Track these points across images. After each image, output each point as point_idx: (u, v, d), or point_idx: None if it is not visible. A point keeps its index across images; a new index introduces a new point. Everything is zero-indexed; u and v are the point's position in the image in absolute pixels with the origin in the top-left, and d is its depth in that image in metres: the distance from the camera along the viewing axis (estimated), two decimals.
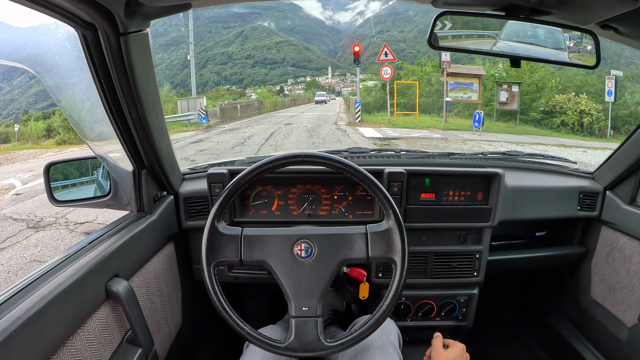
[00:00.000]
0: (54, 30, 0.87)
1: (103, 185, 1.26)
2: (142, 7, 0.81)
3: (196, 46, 44.99)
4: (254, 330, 0.88)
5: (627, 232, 1.44)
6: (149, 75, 0.96)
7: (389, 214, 0.92)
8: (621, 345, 1.42)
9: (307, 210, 1.33)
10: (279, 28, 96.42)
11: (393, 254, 0.91)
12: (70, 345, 0.79)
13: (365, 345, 0.99)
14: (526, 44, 0.87)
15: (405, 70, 23.93)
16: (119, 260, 0.98)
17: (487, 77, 18.40)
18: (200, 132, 14.50)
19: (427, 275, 1.39)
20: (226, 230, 0.91)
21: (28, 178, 8.21)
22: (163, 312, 1.21)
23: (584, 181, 1.58)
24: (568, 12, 0.77)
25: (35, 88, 41.83)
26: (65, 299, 0.78)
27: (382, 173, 1.28)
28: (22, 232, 4.65)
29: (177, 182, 1.34)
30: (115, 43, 0.84)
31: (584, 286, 1.63)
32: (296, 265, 0.91)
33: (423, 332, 1.43)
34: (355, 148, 1.67)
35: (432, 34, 0.83)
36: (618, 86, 14.30)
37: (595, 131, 16.37)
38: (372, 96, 24.44)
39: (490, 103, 17.30)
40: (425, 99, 19.85)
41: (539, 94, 18.04)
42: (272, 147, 10.23)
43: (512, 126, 16.07)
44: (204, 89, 64.15)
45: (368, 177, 0.93)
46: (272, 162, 0.92)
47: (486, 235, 1.39)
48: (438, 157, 1.65)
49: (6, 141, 18.61)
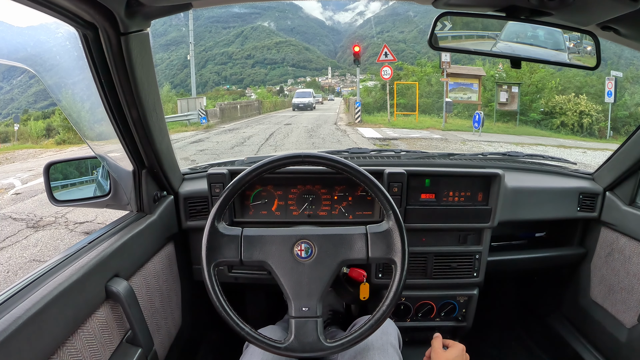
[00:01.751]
0: (55, 30, 0.87)
1: (103, 185, 1.26)
2: (143, 7, 0.81)
3: (196, 46, 45.02)
4: (253, 330, 0.88)
5: (626, 233, 1.44)
6: (149, 75, 0.96)
7: (389, 215, 0.92)
8: (621, 346, 1.42)
9: (307, 210, 1.33)
10: (279, 28, 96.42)
11: (393, 255, 0.91)
12: (70, 345, 0.79)
13: (365, 346, 0.99)
14: (526, 45, 0.87)
15: (405, 71, 23.91)
16: (119, 260, 0.98)
17: (487, 78, 18.39)
18: (200, 132, 14.49)
19: (427, 275, 1.39)
20: (226, 230, 0.91)
21: (28, 177, 8.21)
22: (163, 312, 1.21)
23: (583, 182, 1.58)
24: (568, 13, 0.77)
25: (35, 87, 41.82)
26: (65, 298, 0.78)
27: (382, 173, 1.28)
28: (22, 232, 4.64)
29: (177, 182, 1.34)
30: (116, 43, 0.84)
31: (584, 287, 1.64)
32: (296, 265, 0.91)
33: (423, 333, 1.43)
34: (355, 148, 1.67)
35: (433, 35, 0.83)
36: (618, 87, 14.29)
37: (595, 132, 16.37)
38: (372, 96, 24.42)
39: (490, 104, 17.30)
40: (425, 100, 19.84)
41: (539, 95, 18.03)
42: (272, 147, 10.22)
43: (512, 127, 16.06)
44: (204, 89, 64.14)
45: (368, 177, 0.93)
46: (272, 162, 0.92)
47: (486, 236, 1.39)
48: (438, 157, 1.65)
49: (6, 140, 18.59)
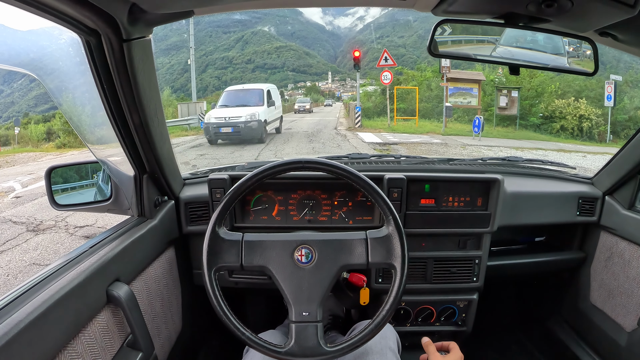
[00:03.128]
0: (57, 36, 0.88)
1: (104, 190, 1.26)
2: (145, 14, 0.82)
3: (197, 51, 45.10)
4: (254, 335, 0.88)
5: (626, 237, 1.44)
6: (151, 80, 0.97)
7: (388, 220, 0.93)
8: (620, 350, 1.42)
9: (307, 215, 1.33)
10: (279, 33, 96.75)
11: (393, 260, 0.91)
12: (71, 349, 0.79)
13: (364, 350, 0.99)
14: (526, 49, 0.87)
15: (405, 76, 23.91)
16: (120, 264, 0.99)
17: (486, 82, 18.43)
18: (200, 137, 14.49)
19: (427, 280, 1.39)
20: (227, 235, 0.92)
21: (28, 181, 8.21)
22: (163, 317, 1.21)
23: (583, 186, 1.58)
24: (567, 20, 0.78)
25: (36, 91, 41.88)
26: (66, 303, 0.78)
27: (382, 179, 1.28)
28: (22, 235, 4.65)
29: (178, 187, 1.35)
30: (118, 49, 0.85)
31: (584, 291, 1.63)
32: (296, 270, 0.91)
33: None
34: (355, 154, 1.67)
35: (432, 42, 0.84)
36: (617, 91, 14.32)
37: (594, 136, 16.38)
38: (372, 101, 24.42)
39: (490, 108, 17.33)
40: (425, 104, 19.85)
41: (539, 99, 18.05)
42: (272, 152, 10.23)
43: (512, 131, 16.09)
44: (204, 93, 64.19)
45: (368, 183, 0.94)
46: (273, 168, 0.92)
47: (485, 241, 1.39)
48: (438, 162, 1.66)
49: (6, 144, 18.62)
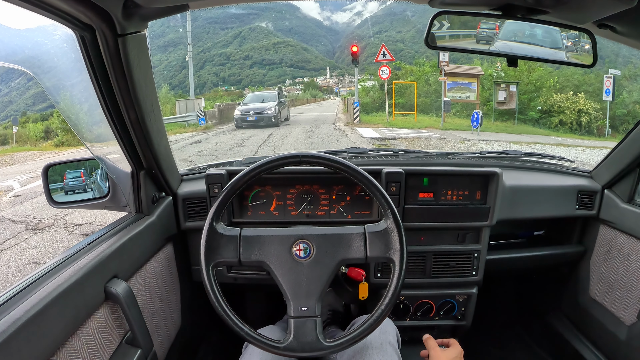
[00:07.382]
0: (52, 32, 0.87)
1: (101, 187, 1.26)
2: (140, 8, 0.81)
3: (194, 47, 44.97)
4: (253, 330, 0.88)
5: (625, 231, 1.44)
6: (147, 76, 0.96)
7: (387, 214, 0.92)
8: (620, 344, 1.42)
9: (305, 210, 1.33)
10: (276, 29, 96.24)
11: (391, 254, 0.91)
12: (70, 347, 0.79)
13: (363, 345, 0.99)
14: (524, 44, 0.87)
15: (404, 71, 23.83)
16: (118, 261, 0.98)
17: (485, 77, 18.37)
18: (198, 133, 14.47)
19: (426, 274, 1.39)
20: (225, 230, 0.91)
21: (26, 180, 8.19)
22: (162, 313, 1.21)
23: (582, 180, 1.58)
24: (565, 11, 0.77)
25: (34, 90, 41.71)
26: (64, 300, 0.78)
27: (380, 173, 1.28)
28: (21, 234, 4.64)
29: (175, 183, 1.34)
30: (113, 44, 0.84)
31: (583, 285, 1.64)
32: (295, 265, 0.91)
33: (422, 332, 1.43)
34: (354, 148, 1.66)
35: (429, 34, 0.83)
36: (616, 85, 14.31)
37: (593, 130, 16.37)
38: (371, 96, 24.32)
39: (489, 103, 17.29)
40: (423, 99, 19.79)
41: (537, 94, 18.01)
42: (271, 147, 10.21)
43: (511, 125, 16.05)
44: (202, 90, 63.88)
45: (366, 177, 0.93)
46: (270, 162, 0.92)
47: (485, 235, 1.39)
48: (436, 156, 1.65)
49: (4, 143, 18.55)
